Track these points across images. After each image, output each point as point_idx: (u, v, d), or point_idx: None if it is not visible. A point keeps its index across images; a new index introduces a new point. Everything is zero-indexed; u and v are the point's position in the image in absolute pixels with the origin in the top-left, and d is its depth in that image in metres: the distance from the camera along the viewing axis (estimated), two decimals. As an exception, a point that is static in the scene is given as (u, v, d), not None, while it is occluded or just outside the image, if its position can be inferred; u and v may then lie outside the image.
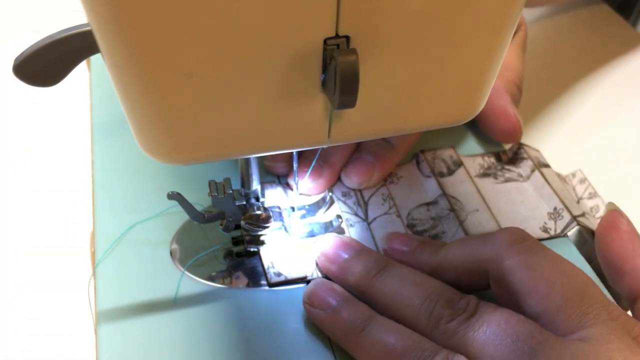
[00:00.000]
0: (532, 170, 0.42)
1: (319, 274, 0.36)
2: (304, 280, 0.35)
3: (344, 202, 0.40)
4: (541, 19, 0.63)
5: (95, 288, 0.35)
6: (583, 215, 0.39)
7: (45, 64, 0.24)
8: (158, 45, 0.21)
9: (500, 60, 0.26)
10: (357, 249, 0.35)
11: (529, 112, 0.52)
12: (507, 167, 0.43)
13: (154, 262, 0.36)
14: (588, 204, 0.43)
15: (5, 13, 0.61)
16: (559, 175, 0.44)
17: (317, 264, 0.36)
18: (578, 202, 0.43)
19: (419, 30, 0.23)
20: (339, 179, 0.41)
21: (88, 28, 0.22)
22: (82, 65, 0.31)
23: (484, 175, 0.42)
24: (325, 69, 0.23)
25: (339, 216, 0.38)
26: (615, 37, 0.61)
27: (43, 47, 0.23)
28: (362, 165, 0.40)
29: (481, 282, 0.32)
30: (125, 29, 0.20)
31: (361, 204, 0.40)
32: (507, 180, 0.42)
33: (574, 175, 0.45)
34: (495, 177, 0.42)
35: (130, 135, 0.25)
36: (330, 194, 0.39)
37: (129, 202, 0.39)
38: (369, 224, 0.39)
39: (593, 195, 0.43)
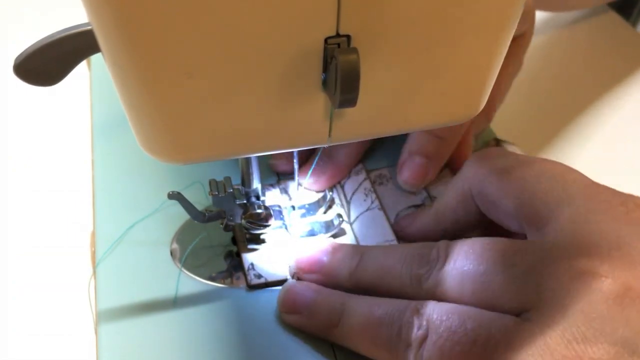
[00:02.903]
0: None
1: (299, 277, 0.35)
2: (284, 282, 0.35)
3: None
4: (538, 19, 0.63)
5: (95, 288, 0.35)
6: None
7: (45, 64, 0.24)
8: (158, 45, 0.21)
9: (500, 60, 0.26)
10: (330, 250, 0.34)
11: (527, 111, 0.52)
12: None
13: (154, 262, 0.36)
14: None
15: (5, 13, 0.60)
16: None
17: (292, 276, 0.36)
18: None
19: (419, 30, 0.23)
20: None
21: (88, 27, 0.22)
22: (82, 65, 0.31)
23: None
24: (326, 68, 0.23)
25: (339, 215, 0.38)
26: (615, 37, 0.61)
27: (43, 46, 0.23)
28: (415, 167, 0.40)
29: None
30: (126, 28, 0.20)
31: (344, 204, 0.40)
32: None
33: None
34: None
35: (130, 135, 0.25)
36: (330, 193, 0.39)
37: (129, 202, 0.39)
38: (351, 224, 0.39)
39: None
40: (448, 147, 0.41)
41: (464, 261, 0.28)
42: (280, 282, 0.35)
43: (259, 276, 0.35)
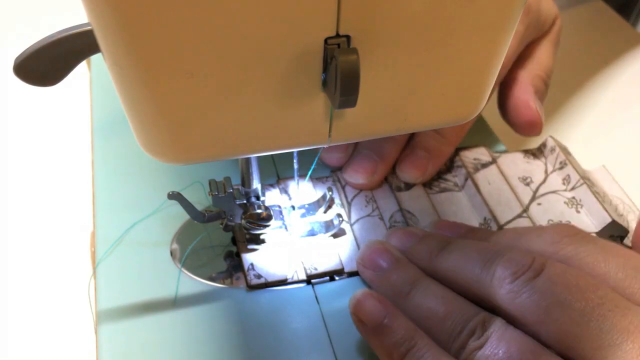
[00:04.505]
0: (466, 179, 0.41)
1: (299, 276, 0.36)
2: (284, 282, 0.35)
3: None
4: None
5: (95, 288, 0.35)
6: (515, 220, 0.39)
7: (45, 64, 0.24)
8: (158, 45, 0.21)
9: (500, 60, 0.26)
10: (394, 261, 0.34)
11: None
12: (443, 176, 0.43)
13: (154, 262, 0.36)
14: (558, 177, 0.42)
15: (5, 13, 0.60)
16: (531, 151, 0.43)
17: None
18: (530, 202, 0.41)
19: (419, 30, 0.23)
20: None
21: (88, 28, 0.22)
22: (82, 65, 0.31)
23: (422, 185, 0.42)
24: (325, 68, 0.23)
25: (339, 215, 0.38)
26: (615, 37, 0.61)
27: (43, 47, 0.23)
28: (416, 160, 0.40)
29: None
30: (126, 28, 0.20)
31: (344, 204, 0.40)
32: (443, 190, 0.42)
33: (545, 145, 0.44)
34: (430, 187, 0.42)
35: (130, 135, 0.25)
36: (330, 192, 0.39)
37: (129, 202, 0.39)
38: (351, 225, 0.39)
39: (563, 164, 0.42)
40: (449, 145, 0.41)
41: (552, 292, 0.27)
42: (280, 282, 0.35)
43: (259, 276, 0.35)
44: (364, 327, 0.31)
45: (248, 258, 0.36)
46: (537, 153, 0.44)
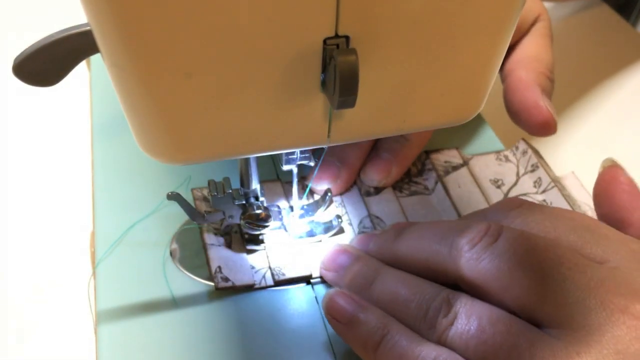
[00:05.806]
0: (436, 182, 0.41)
1: (267, 282, 0.35)
2: (251, 287, 0.35)
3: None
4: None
5: (95, 288, 0.35)
6: None
7: (45, 64, 0.24)
8: (157, 45, 0.21)
9: (499, 60, 0.26)
10: (353, 257, 0.34)
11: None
12: (414, 179, 0.42)
13: (154, 262, 0.36)
14: (529, 180, 0.42)
15: (5, 13, 0.61)
16: (505, 156, 0.43)
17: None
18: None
19: (418, 30, 0.23)
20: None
21: (87, 28, 0.22)
22: (82, 65, 0.31)
23: (392, 188, 0.42)
24: (325, 69, 0.23)
25: (338, 216, 0.38)
26: (615, 38, 0.61)
27: (43, 47, 0.23)
28: (380, 163, 0.40)
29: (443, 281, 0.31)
30: (125, 28, 0.20)
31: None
32: (413, 193, 0.41)
33: (517, 147, 0.43)
34: (400, 190, 0.41)
35: (130, 135, 0.25)
36: (329, 193, 0.39)
37: (129, 202, 0.39)
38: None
39: (535, 166, 0.42)
40: (414, 149, 0.41)
41: (511, 255, 0.27)
42: (247, 287, 0.35)
43: (226, 279, 0.35)
44: (338, 325, 0.31)
45: (216, 261, 0.36)
46: (509, 155, 0.44)
